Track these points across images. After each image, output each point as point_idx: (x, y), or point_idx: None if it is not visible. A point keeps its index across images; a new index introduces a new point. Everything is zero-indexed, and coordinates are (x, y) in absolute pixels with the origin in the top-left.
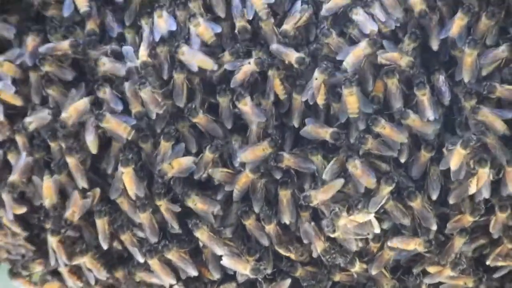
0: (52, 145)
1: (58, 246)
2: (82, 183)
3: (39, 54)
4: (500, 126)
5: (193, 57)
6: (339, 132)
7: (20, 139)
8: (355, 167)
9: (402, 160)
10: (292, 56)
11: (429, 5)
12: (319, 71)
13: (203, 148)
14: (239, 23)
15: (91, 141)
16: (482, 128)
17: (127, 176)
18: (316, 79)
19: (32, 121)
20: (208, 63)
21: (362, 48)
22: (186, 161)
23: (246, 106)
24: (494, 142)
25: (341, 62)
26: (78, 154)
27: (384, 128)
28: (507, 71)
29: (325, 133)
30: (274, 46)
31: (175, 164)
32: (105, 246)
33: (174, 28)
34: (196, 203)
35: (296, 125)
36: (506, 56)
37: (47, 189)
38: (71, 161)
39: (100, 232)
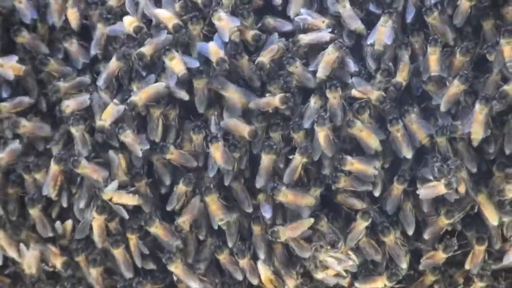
0: (26, 177)
1: None
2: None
3: None
4: (421, 137)
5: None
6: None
7: None
8: (285, 196)
9: (376, 194)
10: (275, 99)
11: (401, 41)
12: (334, 47)
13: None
14: (216, 56)
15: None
16: (458, 163)
17: (96, 223)
18: (329, 54)
19: (3, 157)
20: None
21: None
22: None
23: (217, 151)
24: (465, 177)
25: None
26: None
27: (352, 164)
28: None
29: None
30: (253, 103)
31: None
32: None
33: None
34: (159, 229)
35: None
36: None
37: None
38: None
39: (83, 267)
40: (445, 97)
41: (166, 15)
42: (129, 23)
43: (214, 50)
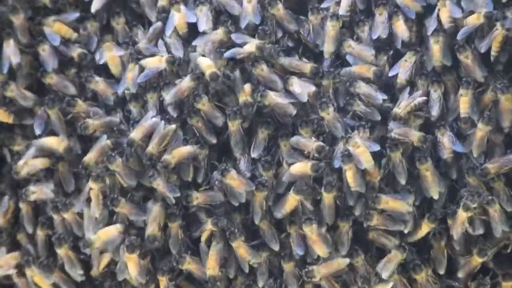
0: (55, 217)
1: None
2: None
3: None
4: (447, 152)
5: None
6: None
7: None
8: (311, 232)
9: (406, 231)
10: (312, 145)
11: (433, 80)
12: (411, 53)
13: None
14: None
15: None
16: (489, 198)
17: (131, 262)
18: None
19: (36, 191)
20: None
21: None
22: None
23: (233, 180)
24: (495, 213)
25: None
26: None
27: (387, 202)
28: None
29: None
30: (294, 139)
31: (102, 234)
32: None
33: None
34: (191, 265)
35: None
36: None
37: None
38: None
39: None
40: (474, 142)
41: (206, 63)
42: (158, 60)
43: (205, 63)
